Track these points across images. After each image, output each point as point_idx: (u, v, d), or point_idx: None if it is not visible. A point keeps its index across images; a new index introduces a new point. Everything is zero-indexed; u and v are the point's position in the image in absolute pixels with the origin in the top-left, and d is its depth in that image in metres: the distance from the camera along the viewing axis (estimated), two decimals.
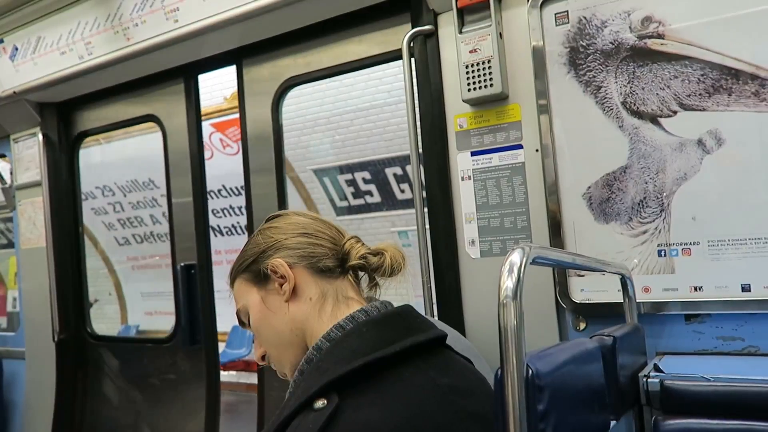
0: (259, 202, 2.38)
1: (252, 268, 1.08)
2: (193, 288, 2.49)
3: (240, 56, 2.40)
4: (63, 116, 2.92)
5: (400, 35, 1.91)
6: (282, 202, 2.34)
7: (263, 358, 1.11)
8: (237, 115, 2.51)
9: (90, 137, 2.98)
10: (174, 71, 2.52)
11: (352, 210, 3.14)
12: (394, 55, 2.04)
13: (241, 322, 1.13)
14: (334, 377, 0.84)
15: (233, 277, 1.12)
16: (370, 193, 3.09)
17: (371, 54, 2.10)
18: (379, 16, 2.05)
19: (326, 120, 3.05)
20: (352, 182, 3.09)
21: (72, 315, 2.86)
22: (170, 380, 2.58)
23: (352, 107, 2.83)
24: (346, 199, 3.16)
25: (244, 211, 2.89)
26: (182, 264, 2.50)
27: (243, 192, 2.50)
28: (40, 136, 2.82)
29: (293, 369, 1.02)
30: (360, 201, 3.07)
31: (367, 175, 3.06)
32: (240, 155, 2.45)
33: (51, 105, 2.89)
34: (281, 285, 1.04)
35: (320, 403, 0.82)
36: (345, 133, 2.97)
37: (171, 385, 2.58)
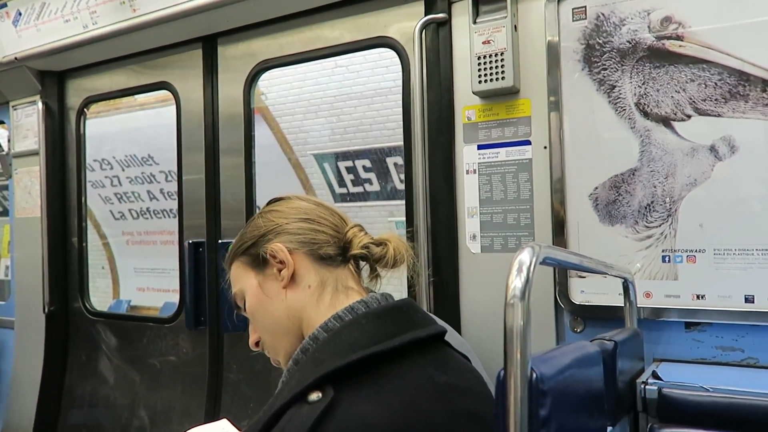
0: (227, 183, 2.37)
1: (251, 252, 1.05)
2: (200, 267, 2.42)
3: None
4: (64, 85, 2.87)
5: (382, 20, 1.92)
6: (250, 186, 2.32)
7: (257, 344, 1.08)
8: None
9: (92, 108, 2.93)
10: (192, 41, 2.48)
11: (350, 197, 3.11)
12: (378, 42, 2.02)
13: (236, 306, 1.10)
14: (330, 370, 0.81)
15: (231, 260, 1.10)
16: (369, 181, 3.05)
17: (357, 39, 2.07)
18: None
19: (330, 105, 3.01)
20: (352, 169, 3.05)
21: (66, 288, 2.83)
22: (171, 362, 2.54)
23: (357, 93, 2.79)
24: (345, 186, 3.12)
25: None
26: (190, 241, 2.41)
27: None
28: (40, 104, 2.78)
29: (287, 357, 1.00)
30: (359, 189, 3.04)
31: (367, 163, 3.02)
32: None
33: (53, 73, 2.84)
34: (280, 271, 1.01)
35: (315, 396, 0.79)
36: (348, 120, 2.92)
37: (172, 367, 2.54)
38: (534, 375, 0.72)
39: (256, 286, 1.04)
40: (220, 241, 2.37)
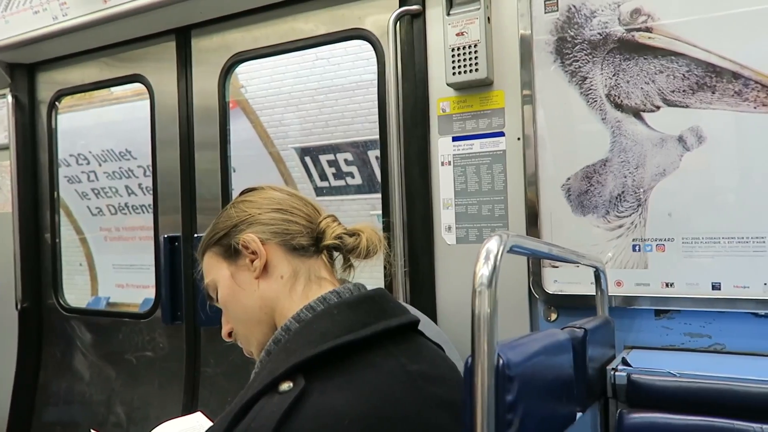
0: (202, 177, 2.35)
1: (223, 242, 1.05)
2: (176, 261, 2.40)
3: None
4: (35, 78, 2.81)
5: (356, 12, 1.92)
6: (225, 179, 2.30)
7: (230, 335, 1.08)
8: None
9: (65, 102, 2.88)
10: (166, 32, 2.44)
11: (332, 191, 3.09)
12: (353, 34, 2.01)
13: (209, 297, 1.10)
14: (301, 359, 0.82)
15: (203, 251, 1.09)
16: (351, 174, 3.04)
17: (331, 31, 2.07)
18: None
19: (311, 98, 2.99)
20: (333, 162, 3.04)
21: (39, 284, 2.78)
22: (147, 357, 2.51)
23: (338, 85, 2.78)
24: (326, 179, 3.11)
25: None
26: (166, 236, 2.39)
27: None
28: (10, 98, 2.72)
29: (260, 348, 1.00)
30: (341, 182, 3.03)
31: (349, 156, 3.01)
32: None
33: (22, 66, 2.78)
34: (252, 261, 1.01)
35: (286, 386, 0.80)
36: (329, 112, 2.91)
37: (148, 362, 2.52)
38: (501, 361, 0.73)
39: (228, 276, 1.04)
40: (195, 235, 2.35)
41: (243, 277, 1.02)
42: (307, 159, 3.06)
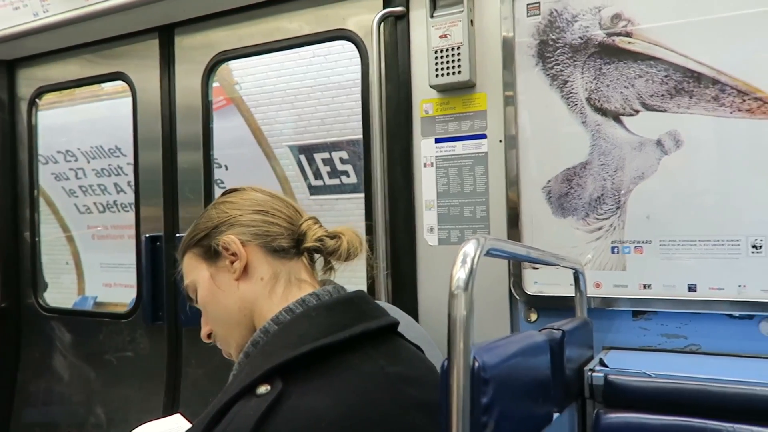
0: (185, 176, 2.34)
1: (203, 243, 1.04)
2: (158, 261, 2.39)
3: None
4: (15, 74, 2.78)
5: (341, 13, 1.94)
6: (208, 179, 2.30)
7: (209, 336, 1.08)
8: (215, 84, 2.45)
9: (47, 99, 2.85)
10: (149, 30, 2.42)
11: (327, 190, 3.06)
12: (337, 34, 2.02)
13: (188, 298, 1.09)
14: (279, 362, 0.82)
15: (183, 251, 1.09)
16: (346, 173, 3.02)
17: (316, 31, 2.07)
18: None
19: (306, 95, 2.95)
20: (329, 161, 3.01)
21: (18, 284, 2.75)
22: (128, 358, 2.49)
23: (335, 83, 2.76)
24: (321, 178, 3.07)
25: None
26: (147, 235, 2.38)
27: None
28: None
29: (239, 350, 1.00)
30: (336, 181, 3.01)
31: (344, 154, 2.99)
32: (213, 126, 2.39)
33: (2, 62, 2.74)
34: (232, 263, 1.01)
35: (263, 389, 0.80)
36: (326, 110, 2.89)
37: (129, 363, 2.49)
38: (476, 364, 0.74)
39: (208, 278, 1.03)
40: (177, 234, 2.33)
41: (223, 278, 1.02)
42: (302, 157, 3.03)
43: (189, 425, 1.09)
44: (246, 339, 0.98)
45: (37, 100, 2.76)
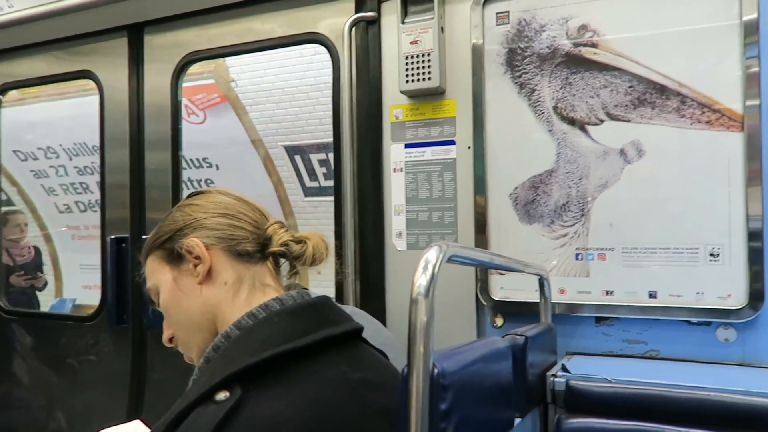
0: (152, 177, 2.31)
1: (166, 246, 1.03)
2: (123, 263, 2.34)
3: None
4: None
5: (313, 16, 1.93)
6: (176, 180, 2.27)
7: (171, 340, 1.06)
8: (209, 81, 2.41)
9: (36, 91, 2.77)
10: (118, 28, 2.38)
11: (322, 191, 3.03)
12: (308, 38, 2.02)
13: (150, 301, 1.08)
14: (238, 368, 0.81)
15: (146, 253, 1.07)
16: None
17: (288, 33, 2.06)
18: None
19: (305, 94, 2.91)
20: (325, 162, 2.97)
21: None
22: (91, 361, 2.44)
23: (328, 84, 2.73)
24: (317, 179, 3.04)
25: (202, 185, 2.78)
26: (112, 237, 2.34)
27: (203, 165, 2.38)
28: None
29: (200, 354, 0.98)
30: (332, 182, 2.99)
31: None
32: (206, 124, 2.35)
33: None
34: (196, 266, 0.99)
35: (222, 396, 0.79)
36: (325, 110, 2.86)
37: (92, 366, 2.44)
38: (436, 370, 0.74)
39: (170, 281, 1.02)
40: (144, 236, 2.29)
41: (186, 282, 1.01)
42: (297, 157, 2.99)
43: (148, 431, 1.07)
44: (208, 343, 0.97)
45: (0, 96, 2.69)
